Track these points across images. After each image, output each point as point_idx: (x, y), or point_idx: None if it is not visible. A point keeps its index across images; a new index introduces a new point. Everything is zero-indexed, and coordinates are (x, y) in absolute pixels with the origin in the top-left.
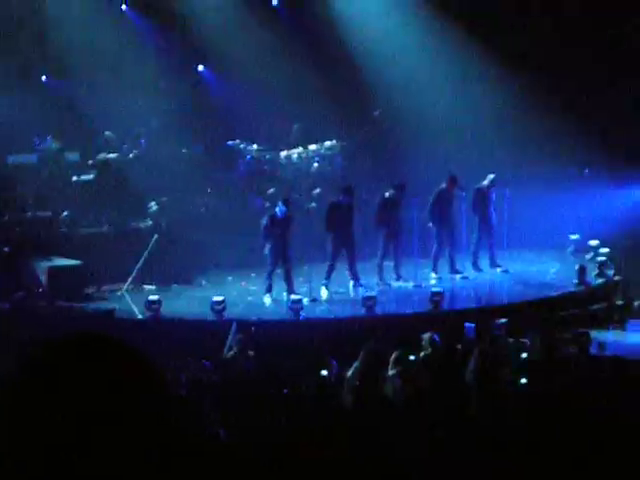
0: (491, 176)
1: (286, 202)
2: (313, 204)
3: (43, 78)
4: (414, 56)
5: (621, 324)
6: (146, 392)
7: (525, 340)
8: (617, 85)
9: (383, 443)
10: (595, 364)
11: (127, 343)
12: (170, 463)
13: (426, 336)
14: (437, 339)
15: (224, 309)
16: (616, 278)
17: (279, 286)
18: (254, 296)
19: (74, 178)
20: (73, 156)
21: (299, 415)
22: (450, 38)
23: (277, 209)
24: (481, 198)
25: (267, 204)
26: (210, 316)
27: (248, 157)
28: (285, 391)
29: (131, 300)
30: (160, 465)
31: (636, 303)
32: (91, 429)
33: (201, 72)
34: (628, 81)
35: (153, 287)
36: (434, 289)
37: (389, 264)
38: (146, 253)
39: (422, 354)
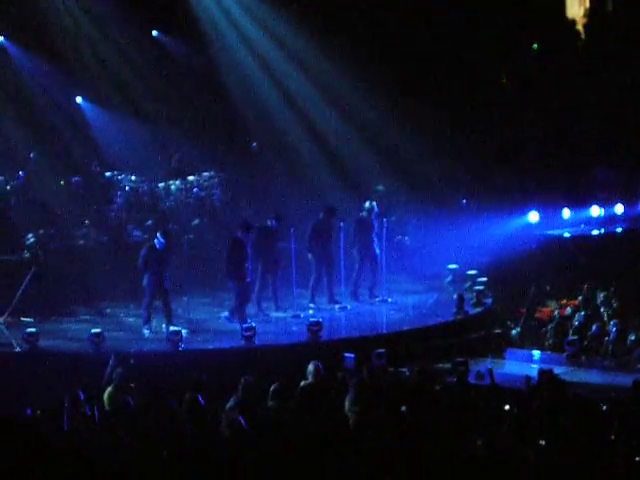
0: (367, 204)
1: (165, 234)
2: (191, 235)
3: None
4: (294, 87)
5: (499, 353)
6: None
7: (404, 369)
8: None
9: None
10: (473, 393)
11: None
12: None
13: (311, 365)
14: (322, 368)
15: (102, 341)
16: (494, 307)
17: (158, 317)
18: (133, 328)
19: None
20: None
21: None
22: (333, 67)
23: (155, 240)
24: (362, 227)
25: (145, 235)
26: (88, 348)
27: (126, 188)
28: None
29: (9, 333)
30: None
31: (514, 331)
32: None
33: (79, 104)
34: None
35: (31, 320)
36: (312, 319)
37: (268, 294)
38: (23, 286)
39: (303, 383)
